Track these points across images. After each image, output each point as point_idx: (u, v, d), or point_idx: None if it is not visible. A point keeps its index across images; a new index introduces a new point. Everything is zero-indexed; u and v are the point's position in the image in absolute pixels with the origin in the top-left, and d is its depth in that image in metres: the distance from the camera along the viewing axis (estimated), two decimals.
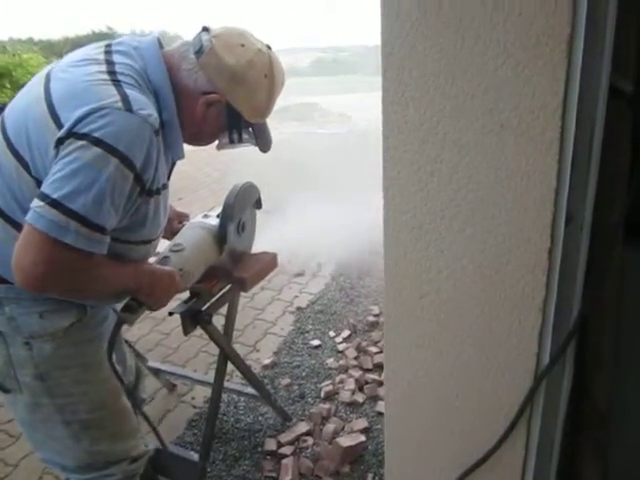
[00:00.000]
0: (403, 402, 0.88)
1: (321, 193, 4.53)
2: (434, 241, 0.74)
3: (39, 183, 1.00)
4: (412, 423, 0.89)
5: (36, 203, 0.94)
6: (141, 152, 1.00)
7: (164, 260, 1.35)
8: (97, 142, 0.94)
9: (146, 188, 1.06)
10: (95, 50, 1.12)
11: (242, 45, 1.16)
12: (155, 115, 1.04)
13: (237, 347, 2.58)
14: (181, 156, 1.23)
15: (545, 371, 0.75)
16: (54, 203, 0.92)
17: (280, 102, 1.33)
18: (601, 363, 0.84)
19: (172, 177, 1.28)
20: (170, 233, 1.56)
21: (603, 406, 0.86)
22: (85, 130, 0.94)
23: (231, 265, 1.62)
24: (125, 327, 1.25)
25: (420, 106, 0.68)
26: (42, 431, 1.21)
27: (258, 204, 1.70)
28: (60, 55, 1.24)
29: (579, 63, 0.61)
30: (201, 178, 6.54)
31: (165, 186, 1.17)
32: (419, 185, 0.72)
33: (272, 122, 1.32)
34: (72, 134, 0.94)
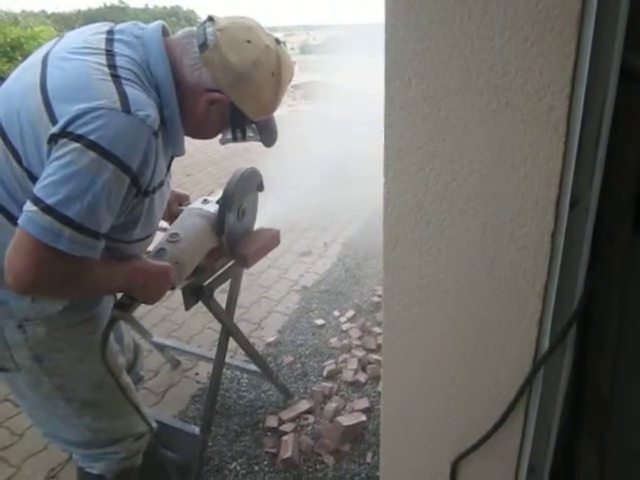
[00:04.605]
0: (400, 383, 0.88)
1: (330, 172, 4.50)
2: (434, 222, 0.72)
3: (30, 175, 0.98)
4: (408, 405, 0.88)
5: (29, 207, 0.91)
6: (138, 155, 0.97)
7: (160, 252, 1.33)
8: (92, 146, 0.90)
9: (142, 189, 1.04)
10: (96, 36, 1.07)
11: (249, 42, 1.10)
12: (154, 116, 1.00)
13: (242, 324, 2.60)
14: (181, 152, 1.20)
15: (544, 357, 0.73)
16: (48, 209, 0.90)
17: (293, 79, 1.29)
18: (604, 349, 0.83)
19: None
20: (169, 216, 1.54)
21: (606, 392, 0.85)
22: (80, 131, 0.90)
23: (232, 245, 1.61)
24: None
25: (423, 82, 0.66)
26: (45, 409, 1.21)
27: (260, 187, 1.68)
28: (72, 28, 1.21)
29: (590, 40, 0.58)
30: (211, 154, 6.52)
31: (162, 183, 1.14)
32: (420, 164, 0.70)
33: (286, 99, 1.28)
34: (67, 133, 0.91)
